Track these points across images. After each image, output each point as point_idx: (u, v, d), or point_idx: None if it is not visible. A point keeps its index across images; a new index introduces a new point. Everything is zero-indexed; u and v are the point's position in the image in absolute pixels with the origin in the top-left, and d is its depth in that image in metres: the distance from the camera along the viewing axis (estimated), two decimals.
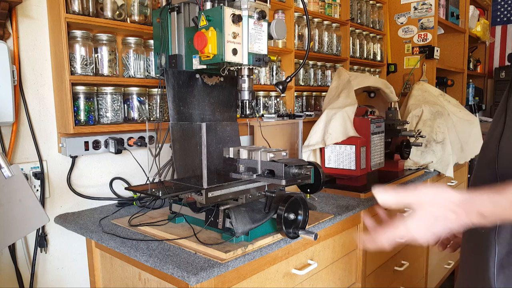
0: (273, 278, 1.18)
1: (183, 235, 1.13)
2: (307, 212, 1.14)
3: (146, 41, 1.57)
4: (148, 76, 1.57)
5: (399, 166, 2.14)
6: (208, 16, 1.06)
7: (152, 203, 1.48)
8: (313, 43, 2.31)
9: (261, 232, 1.12)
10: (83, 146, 1.42)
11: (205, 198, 1.01)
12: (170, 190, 1.06)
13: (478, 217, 0.61)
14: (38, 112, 1.39)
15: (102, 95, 1.45)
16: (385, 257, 1.82)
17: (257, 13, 1.11)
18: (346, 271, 1.53)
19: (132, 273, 1.18)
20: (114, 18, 1.46)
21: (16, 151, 1.34)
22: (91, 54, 1.41)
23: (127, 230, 1.22)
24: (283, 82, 1.23)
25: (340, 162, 1.78)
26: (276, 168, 1.08)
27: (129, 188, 1.13)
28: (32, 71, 1.36)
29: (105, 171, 1.57)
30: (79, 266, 1.49)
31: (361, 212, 1.55)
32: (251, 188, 1.12)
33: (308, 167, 1.12)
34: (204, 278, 0.92)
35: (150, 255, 1.02)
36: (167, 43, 1.25)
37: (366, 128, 1.77)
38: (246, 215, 1.08)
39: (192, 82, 1.26)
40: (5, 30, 1.27)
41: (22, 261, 1.35)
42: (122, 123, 1.49)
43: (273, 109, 2.08)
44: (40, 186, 1.38)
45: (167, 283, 1.05)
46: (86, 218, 1.36)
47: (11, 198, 0.90)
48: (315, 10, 2.29)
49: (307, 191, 1.40)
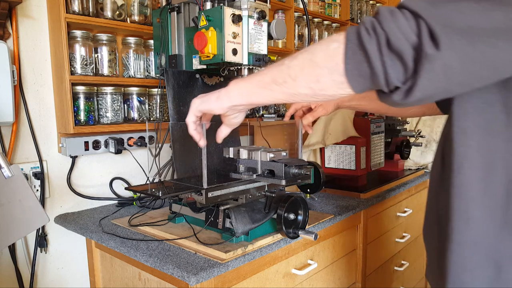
0: (273, 278, 1.18)
1: (183, 235, 1.13)
2: (307, 212, 1.14)
3: (146, 41, 1.57)
4: (148, 76, 1.57)
5: (399, 166, 2.14)
6: (208, 16, 1.06)
7: (152, 203, 1.48)
8: (313, 43, 2.30)
9: (261, 232, 1.12)
10: (83, 146, 1.42)
11: (205, 198, 1.01)
12: (170, 190, 1.06)
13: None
14: (38, 112, 1.39)
15: (102, 95, 1.45)
16: (385, 257, 1.82)
17: (257, 13, 1.11)
18: (346, 271, 1.53)
19: (132, 273, 1.18)
20: (114, 18, 1.46)
21: (16, 151, 1.34)
22: (91, 54, 1.41)
23: (127, 230, 1.22)
24: None
25: (340, 162, 1.78)
26: (276, 168, 1.08)
27: (129, 188, 1.13)
28: (32, 71, 1.36)
29: (105, 171, 1.57)
30: (79, 266, 1.49)
31: (361, 212, 1.55)
32: (251, 188, 1.12)
33: (308, 167, 1.12)
34: (204, 278, 0.92)
35: (150, 255, 1.02)
36: (167, 43, 1.25)
37: (366, 128, 1.77)
38: (246, 215, 1.08)
39: (192, 82, 1.26)
40: (5, 30, 1.27)
41: (22, 261, 1.35)
42: (122, 123, 1.49)
43: (273, 109, 2.08)
44: (40, 186, 1.38)
45: (167, 283, 1.05)
46: (86, 218, 1.36)
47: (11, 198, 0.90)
48: (315, 10, 2.29)
49: (307, 191, 1.40)
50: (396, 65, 0.54)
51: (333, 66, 0.59)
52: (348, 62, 0.58)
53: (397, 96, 0.57)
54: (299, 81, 0.65)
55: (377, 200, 1.61)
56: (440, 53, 0.51)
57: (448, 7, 0.52)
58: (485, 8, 0.52)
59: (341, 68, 0.59)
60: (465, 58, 0.52)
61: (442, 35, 0.51)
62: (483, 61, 0.53)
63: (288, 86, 0.67)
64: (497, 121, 0.64)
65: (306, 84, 0.64)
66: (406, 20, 0.53)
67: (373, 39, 0.55)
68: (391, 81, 0.55)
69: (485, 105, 0.64)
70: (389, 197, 1.71)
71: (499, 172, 0.64)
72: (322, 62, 0.61)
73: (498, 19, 0.51)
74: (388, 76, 0.55)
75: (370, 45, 0.55)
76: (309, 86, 0.64)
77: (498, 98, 0.63)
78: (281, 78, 0.67)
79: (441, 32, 0.51)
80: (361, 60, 0.56)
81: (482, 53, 0.52)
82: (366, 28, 0.56)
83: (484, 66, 0.53)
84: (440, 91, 0.55)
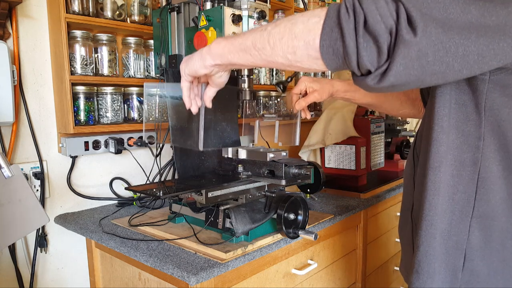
0: (273, 278, 1.18)
1: (183, 235, 1.13)
2: (307, 212, 1.14)
3: (146, 41, 1.57)
4: (148, 76, 1.57)
5: (399, 166, 2.14)
6: (208, 16, 1.06)
7: (152, 203, 1.48)
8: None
9: (261, 232, 1.12)
10: (83, 146, 1.42)
11: (205, 198, 1.01)
12: (170, 190, 1.06)
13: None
14: (38, 112, 1.39)
15: (102, 95, 1.45)
16: (385, 257, 1.82)
17: (257, 13, 1.11)
18: (346, 271, 1.53)
19: (132, 273, 1.18)
20: (114, 18, 1.46)
21: (16, 151, 1.34)
22: (91, 54, 1.41)
23: (127, 230, 1.22)
24: (284, 82, 1.23)
25: (340, 162, 1.78)
26: (276, 168, 1.08)
27: (129, 188, 1.13)
28: (32, 71, 1.36)
29: (105, 171, 1.57)
30: (79, 266, 1.49)
31: (361, 212, 1.55)
32: (251, 188, 1.12)
33: (308, 167, 1.12)
34: (204, 278, 0.92)
35: (150, 255, 1.02)
36: (167, 43, 1.25)
37: (366, 128, 1.77)
38: (246, 215, 1.08)
39: None
40: (5, 30, 1.27)
41: (22, 261, 1.35)
42: (122, 123, 1.49)
43: (273, 109, 2.08)
44: (40, 186, 1.38)
45: (167, 283, 1.05)
46: (86, 218, 1.36)
47: (11, 198, 0.90)
48: None
49: (307, 191, 1.40)
50: (370, 47, 0.54)
51: (310, 41, 0.60)
52: (324, 39, 0.58)
53: (371, 79, 0.57)
54: (276, 49, 0.65)
55: (377, 200, 1.61)
56: (416, 39, 0.52)
57: None
58: (462, 2, 0.53)
59: (316, 43, 0.59)
60: (439, 47, 0.53)
61: (420, 22, 0.52)
62: (455, 53, 0.53)
63: (266, 52, 0.67)
64: (468, 121, 0.66)
65: (283, 53, 0.64)
66: (386, 3, 0.54)
67: (351, 18, 0.55)
68: (363, 63, 0.55)
69: (457, 105, 0.66)
70: (389, 197, 1.71)
71: (469, 169, 0.66)
72: (300, 35, 0.61)
73: (473, 14, 0.52)
74: (360, 58, 0.55)
75: (347, 23, 0.55)
76: (285, 56, 0.64)
77: (471, 98, 0.65)
78: (260, 44, 0.68)
79: (419, 18, 0.52)
80: (337, 38, 0.57)
81: (456, 45, 0.53)
82: (346, 7, 0.56)
83: (456, 58, 0.54)
84: (413, 79, 0.56)
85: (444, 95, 0.67)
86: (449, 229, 0.68)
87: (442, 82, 0.60)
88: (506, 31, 0.53)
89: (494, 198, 0.65)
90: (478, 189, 0.66)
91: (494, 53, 0.54)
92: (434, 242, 0.69)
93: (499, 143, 0.64)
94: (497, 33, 0.53)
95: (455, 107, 0.66)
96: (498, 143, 0.64)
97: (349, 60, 0.56)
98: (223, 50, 0.76)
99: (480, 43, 0.53)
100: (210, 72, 0.83)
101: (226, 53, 0.75)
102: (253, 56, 0.70)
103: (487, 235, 0.66)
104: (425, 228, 0.70)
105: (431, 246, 0.69)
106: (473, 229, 0.67)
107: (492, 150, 0.65)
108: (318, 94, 1.15)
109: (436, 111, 0.68)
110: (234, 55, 0.74)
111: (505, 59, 0.56)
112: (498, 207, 0.65)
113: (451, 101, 0.66)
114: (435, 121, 0.68)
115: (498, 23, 0.53)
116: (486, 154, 0.65)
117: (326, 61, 0.60)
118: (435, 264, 0.69)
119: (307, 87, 1.16)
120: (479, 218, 0.66)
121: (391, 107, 1.15)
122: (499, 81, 0.62)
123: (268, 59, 0.68)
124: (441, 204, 0.68)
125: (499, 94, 0.63)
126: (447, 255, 0.69)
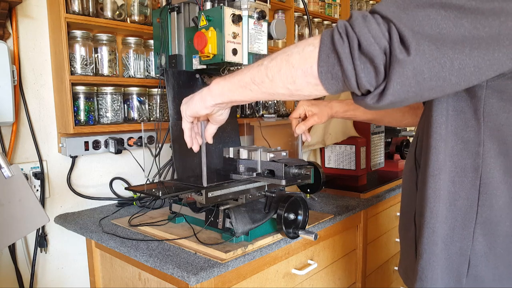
0: (273, 278, 1.18)
1: (183, 235, 1.13)
2: (307, 212, 1.14)
3: (146, 41, 1.57)
4: (148, 76, 1.57)
5: (399, 166, 2.14)
6: (208, 16, 1.06)
7: (152, 203, 1.48)
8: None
9: (261, 232, 1.12)
10: (83, 146, 1.42)
11: (205, 198, 1.01)
12: (170, 190, 1.06)
13: None
14: (38, 112, 1.39)
15: (102, 95, 1.45)
16: (385, 257, 1.82)
17: (257, 13, 1.11)
18: (346, 271, 1.53)
19: (132, 273, 1.18)
20: (114, 18, 1.46)
21: (16, 151, 1.34)
22: (91, 54, 1.41)
23: (127, 230, 1.22)
24: None
25: (340, 162, 1.78)
26: (276, 168, 1.08)
27: (129, 188, 1.13)
28: (32, 71, 1.36)
29: (105, 171, 1.57)
30: (79, 266, 1.49)
31: (361, 212, 1.55)
32: (251, 188, 1.12)
33: (308, 167, 1.12)
34: (204, 278, 0.92)
35: (150, 255, 1.02)
36: (167, 43, 1.25)
37: (366, 128, 1.77)
38: (246, 215, 1.08)
39: (192, 82, 1.26)
40: (5, 30, 1.27)
41: (22, 261, 1.35)
42: (122, 123, 1.49)
43: (273, 109, 2.08)
44: (40, 186, 1.38)
45: (167, 283, 1.05)
46: (86, 218, 1.36)
47: (11, 198, 0.90)
48: (315, 10, 2.29)
49: (307, 191, 1.40)
50: (367, 68, 0.56)
51: (307, 69, 0.61)
52: (321, 65, 0.59)
53: (370, 99, 0.58)
54: (276, 81, 0.67)
55: (377, 200, 1.61)
56: (410, 58, 0.53)
57: (419, 13, 0.54)
58: (453, 16, 0.53)
59: (315, 70, 0.60)
60: (434, 63, 0.53)
61: (412, 41, 0.53)
62: (451, 67, 0.54)
63: (265, 86, 0.69)
64: (468, 127, 0.66)
65: (283, 84, 0.66)
66: (377, 25, 0.55)
67: (345, 42, 0.56)
68: (362, 84, 0.57)
69: (455, 112, 0.67)
70: (389, 197, 1.71)
71: (470, 175, 0.67)
72: (298, 64, 0.63)
73: (466, 27, 0.53)
74: (359, 79, 0.56)
75: (342, 48, 0.56)
76: (286, 87, 0.66)
77: (469, 105, 0.66)
78: (259, 78, 0.69)
79: (411, 37, 0.53)
80: (334, 63, 0.58)
81: (450, 59, 0.53)
82: (339, 32, 0.57)
83: (453, 72, 0.54)
84: (411, 95, 0.57)
85: (441, 103, 0.68)
86: (451, 235, 0.69)
87: (441, 95, 0.60)
88: (500, 41, 0.53)
89: (497, 203, 0.66)
90: (480, 195, 0.66)
91: (490, 63, 0.54)
92: (437, 249, 0.69)
93: (499, 148, 0.65)
94: (491, 44, 0.53)
95: (453, 114, 0.67)
96: (498, 148, 0.65)
97: (349, 82, 0.58)
98: (223, 89, 0.77)
99: (475, 55, 0.53)
100: (211, 111, 0.85)
101: (226, 91, 0.77)
102: (253, 90, 0.71)
103: (492, 240, 0.67)
104: (427, 235, 0.70)
105: (434, 253, 0.70)
106: (477, 235, 0.67)
107: (493, 156, 0.65)
108: (318, 118, 1.18)
109: (433, 119, 0.68)
110: (234, 93, 0.76)
111: (501, 68, 0.56)
112: (502, 212, 0.66)
113: (448, 109, 0.67)
114: (433, 129, 0.68)
115: (492, 34, 0.53)
116: (487, 159, 0.65)
117: (326, 86, 0.61)
118: (438, 270, 0.69)
119: (306, 110, 1.20)
120: (483, 224, 0.67)
121: (393, 120, 1.17)
122: (497, 87, 0.62)
123: (268, 92, 0.70)
124: (442, 211, 0.69)
125: (497, 99, 0.63)
126: (450, 261, 0.69)
